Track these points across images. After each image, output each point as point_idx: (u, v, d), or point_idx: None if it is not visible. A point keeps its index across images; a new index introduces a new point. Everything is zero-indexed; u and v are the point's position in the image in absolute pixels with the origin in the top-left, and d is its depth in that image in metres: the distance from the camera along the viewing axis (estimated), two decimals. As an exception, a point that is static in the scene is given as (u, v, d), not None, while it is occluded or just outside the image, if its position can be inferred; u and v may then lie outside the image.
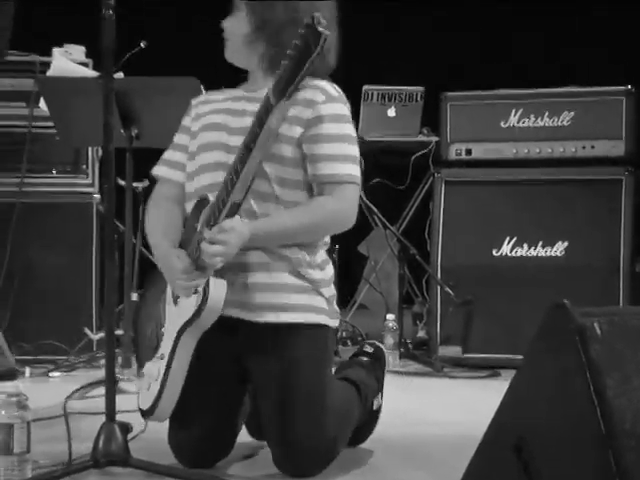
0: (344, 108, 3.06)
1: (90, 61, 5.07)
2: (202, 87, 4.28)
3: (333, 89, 3.06)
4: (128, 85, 4.33)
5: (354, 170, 3.02)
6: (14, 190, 4.95)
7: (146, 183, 5.08)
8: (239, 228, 2.86)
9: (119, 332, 4.43)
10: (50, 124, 4.72)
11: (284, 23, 3.02)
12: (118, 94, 4.23)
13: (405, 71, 5.85)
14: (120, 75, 4.56)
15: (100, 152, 5.06)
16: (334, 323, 3.10)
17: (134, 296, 4.66)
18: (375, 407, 3.34)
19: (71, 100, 4.44)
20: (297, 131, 3.00)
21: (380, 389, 3.37)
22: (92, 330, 4.98)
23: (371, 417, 3.33)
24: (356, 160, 3.04)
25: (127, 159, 4.40)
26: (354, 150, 3.04)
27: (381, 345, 3.46)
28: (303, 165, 3.02)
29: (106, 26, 2.90)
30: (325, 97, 3.02)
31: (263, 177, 2.96)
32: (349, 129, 3.06)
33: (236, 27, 3.11)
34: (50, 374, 4.73)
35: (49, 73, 4.83)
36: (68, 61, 4.88)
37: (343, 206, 3.00)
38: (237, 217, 2.87)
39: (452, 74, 6.07)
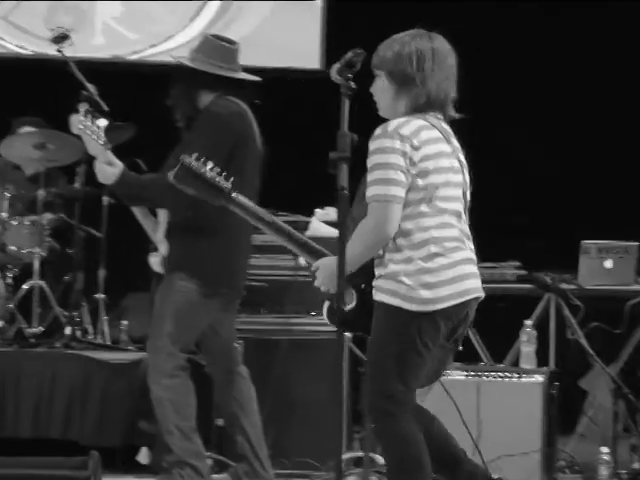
0: (386, 141, 3.29)
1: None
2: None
3: (382, 128, 3.32)
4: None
5: (379, 190, 3.27)
6: (281, 329, 5.17)
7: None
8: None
9: (359, 454, 4.51)
10: (308, 274, 4.92)
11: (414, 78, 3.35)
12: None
13: (620, 226, 5.78)
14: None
15: (350, 298, 5.23)
16: (411, 307, 3.28)
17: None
18: None
19: (325, 256, 4.62)
20: None
21: None
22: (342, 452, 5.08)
23: None
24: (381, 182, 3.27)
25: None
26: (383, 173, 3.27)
27: None
28: None
29: (341, 203, 3.09)
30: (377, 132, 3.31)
31: None
32: (382, 158, 3.28)
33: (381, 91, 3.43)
34: (305, 488, 4.86)
35: (308, 232, 5.04)
36: (322, 224, 5.08)
37: (369, 223, 3.28)
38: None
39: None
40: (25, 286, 5.91)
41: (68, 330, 5.63)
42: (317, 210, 5.33)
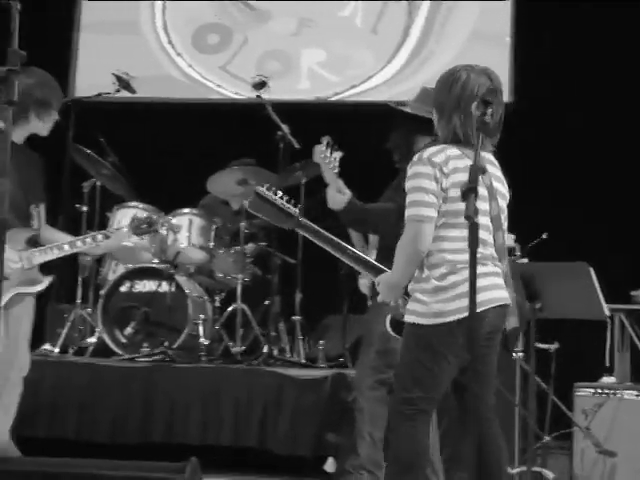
0: (421, 167, 3.50)
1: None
2: (591, 270, 4.38)
3: (418, 155, 3.56)
4: (532, 269, 4.52)
5: (413, 212, 3.47)
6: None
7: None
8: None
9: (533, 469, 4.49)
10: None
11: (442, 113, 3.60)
12: (523, 276, 4.42)
13: None
14: (525, 260, 4.77)
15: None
16: (424, 322, 3.46)
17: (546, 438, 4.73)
18: None
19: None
20: None
21: None
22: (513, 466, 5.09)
23: None
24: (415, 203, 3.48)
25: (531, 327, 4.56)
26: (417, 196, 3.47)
27: None
28: None
29: (470, 231, 3.18)
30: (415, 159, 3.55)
31: None
32: (417, 182, 3.48)
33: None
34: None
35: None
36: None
37: (404, 240, 3.49)
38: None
39: None
40: (229, 309, 6.27)
41: (266, 348, 5.91)
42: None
